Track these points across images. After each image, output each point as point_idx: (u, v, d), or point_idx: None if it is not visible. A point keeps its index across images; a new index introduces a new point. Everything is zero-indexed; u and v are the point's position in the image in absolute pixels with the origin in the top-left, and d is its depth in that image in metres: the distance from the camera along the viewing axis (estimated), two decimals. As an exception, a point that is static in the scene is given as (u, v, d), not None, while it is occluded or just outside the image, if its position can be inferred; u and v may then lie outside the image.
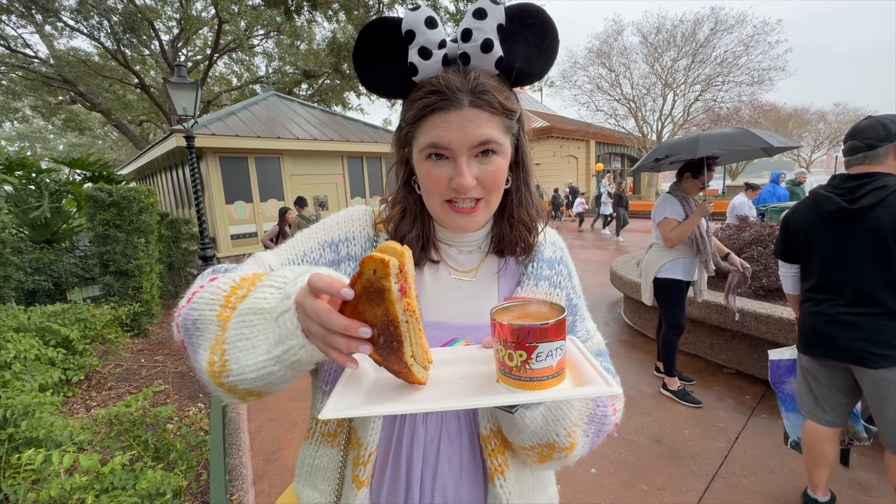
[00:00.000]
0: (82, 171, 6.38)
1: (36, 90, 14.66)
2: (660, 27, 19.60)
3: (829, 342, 1.69)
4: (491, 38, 0.57)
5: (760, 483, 2.15)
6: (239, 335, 0.51)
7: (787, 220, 1.88)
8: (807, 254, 1.80)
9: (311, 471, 0.70)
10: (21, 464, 1.49)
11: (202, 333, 0.55)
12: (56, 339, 3.03)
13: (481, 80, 0.58)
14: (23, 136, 27.24)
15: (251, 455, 2.55)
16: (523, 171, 0.69)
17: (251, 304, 0.52)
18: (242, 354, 0.50)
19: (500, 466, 0.64)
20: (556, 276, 0.73)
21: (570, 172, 21.57)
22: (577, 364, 0.52)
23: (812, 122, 31.85)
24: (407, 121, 0.63)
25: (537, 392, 0.46)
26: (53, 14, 11.84)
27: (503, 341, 0.47)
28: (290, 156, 9.13)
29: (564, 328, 0.47)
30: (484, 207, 0.64)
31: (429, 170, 0.61)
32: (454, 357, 0.59)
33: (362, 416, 0.62)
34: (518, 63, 0.61)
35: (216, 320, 0.54)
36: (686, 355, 3.65)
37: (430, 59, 0.58)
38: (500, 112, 0.59)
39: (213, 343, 0.53)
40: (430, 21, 0.57)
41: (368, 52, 0.62)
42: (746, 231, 4.26)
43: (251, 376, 0.50)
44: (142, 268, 4.62)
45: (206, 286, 0.58)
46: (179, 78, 5.45)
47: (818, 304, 1.74)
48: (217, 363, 0.52)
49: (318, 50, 15.02)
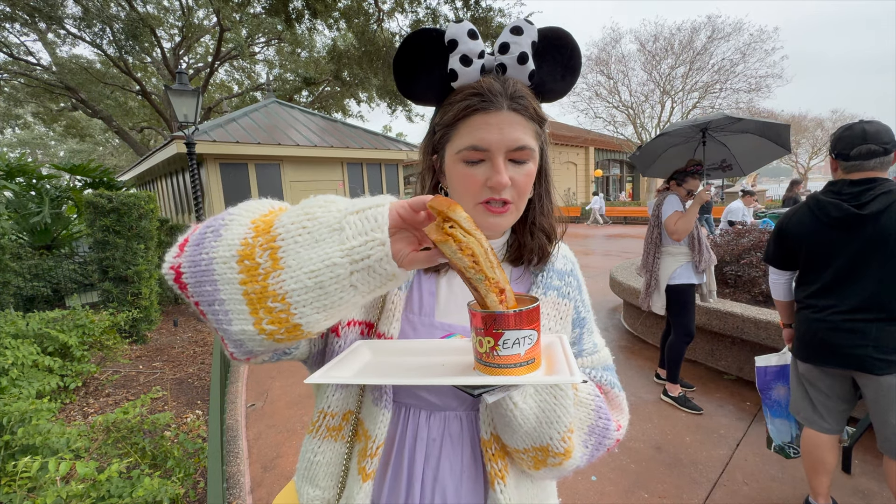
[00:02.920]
0: (83, 177, 6.40)
1: (37, 97, 14.72)
2: (657, 35, 19.80)
3: (833, 350, 1.66)
4: (526, 52, 0.61)
5: (762, 490, 2.13)
6: (298, 228, 0.44)
7: (784, 227, 1.86)
8: (809, 260, 1.77)
9: (313, 467, 0.70)
10: (17, 471, 1.48)
11: (226, 233, 0.46)
12: (54, 346, 3.01)
13: (518, 87, 0.62)
14: (24, 142, 27.32)
15: (249, 463, 2.53)
16: (546, 179, 0.72)
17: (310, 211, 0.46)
18: (303, 249, 0.43)
19: (500, 472, 0.64)
20: (566, 287, 0.74)
21: (570, 179, 21.65)
22: (554, 358, 0.53)
23: (810, 128, 32.03)
24: (444, 122, 0.64)
25: (500, 377, 0.47)
26: (57, 22, 11.93)
27: (475, 328, 0.48)
28: (291, 162, 9.16)
29: (536, 318, 0.48)
30: (513, 211, 0.65)
31: (463, 171, 0.63)
32: (444, 347, 0.61)
33: (370, 409, 0.66)
34: (545, 79, 0.65)
35: (250, 224, 0.46)
36: (686, 361, 3.64)
37: (470, 66, 0.61)
38: (534, 119, 0.63)
39: (251, 238, 0.45)
40: (472, 33, 0.61)
41: (410, 58, 0.64)
42: (745, 237, 4.27)
43: (307, 281, 0.42)
44: (141, 274, 4.61)
45: (216, 218, 0.50)
46: (181, 85, 5.48)
47: (819, 310, 1.72)
48: (264, 260, 0.43)
49: (319, 57, 15.12)
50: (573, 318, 0.74)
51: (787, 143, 2.96)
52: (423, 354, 0.59)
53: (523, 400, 0.58)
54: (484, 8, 8.95)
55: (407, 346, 0.62)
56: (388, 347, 0.63)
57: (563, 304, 0.72)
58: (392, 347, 0.63)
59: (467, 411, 0.67)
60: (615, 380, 0.75)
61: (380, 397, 0.65)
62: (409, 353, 0.60)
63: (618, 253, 9.77)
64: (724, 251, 4.14)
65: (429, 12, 9.69)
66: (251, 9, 10.50)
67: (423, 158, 0.71)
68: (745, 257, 3.92)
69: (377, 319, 0.68)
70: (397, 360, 0.59)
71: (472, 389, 0.50)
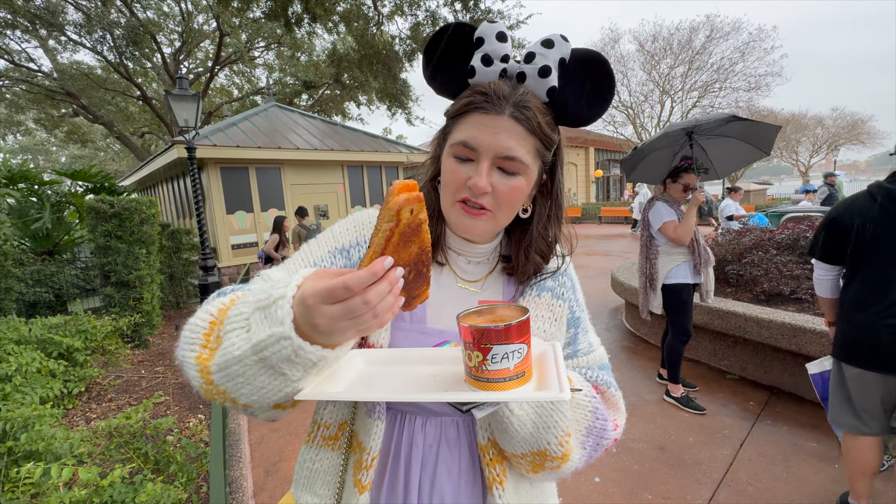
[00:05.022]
0: (84, 182, 6.42)
1: (39, 103, 14.79)
2: (656, 35, 19.80)
3: (888, 352, 1.53)
4: (550, 66, 0.60)
5: (766, 490, 2.12)
6: (229, 372, 0.50)
7: (839, 217, 1.70)
8: (867, 253, 1.61)
9: (311, 475, 0.69)
10: (20, 477, 1.48)
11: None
12: (58, 350, 3.02)
13: (528, 98, 0.60)
14: (25, 148, 27.42)
15: (252, 467, 2.53)
16: (556, 205, 0.70)
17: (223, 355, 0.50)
18: (236, 376, 0.49)
19: (498, 476, 0.64)
20: (560, 288, 0.73)
21: (570, 179, 21.64)
22: (545, 369, 0.52)
23: (810, 126, 31.94)
24: (449, 114, 0.65)
25: (489, 393, 0.46)
26: (58, 29, 11.99)
27: (464, 342, 0.48)
28: (291, 165, 9.17)
29: (525, 331, 0.47)
30: (490, 219, 0.63)
31: (452, 166, 0.63)
32: (436, 357, 0.60)
33: (364, 420, 0.65)
34: (569, 100, 0.62)
35: (195, 364, 0.52)
36: (689, 361, 3.63)
37: (490, 66, 0.61)
38: (535, 133, 0.60)
39: (204, 384, 0.52)
40: (500, 35, 0.61)
41: (440, 46, 0.65)
42: (746, 236, 4.26)
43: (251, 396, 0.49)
44: (143, 278, 4.62)
45: (186, 324, 0.57)
46: (181, 90, 5.50)
47: (881, 309, 1.55)
48: (214, 387, 0.51)
49: (319, 61, 15.17)
50: (568, 319, 0.73)
51: (770, 146, 2.92)
52: (415, 364, 0.58)
53: (519, 407, 0.57)
54: (483, 10, 8.96)
55: (399, 356, 0.61)
56: (380, 357, 0.62)
57: (557, 305, 0.72)
58: (384, 357, 0.62)
59: (463, 417, 0.67)
60: (611, 379, 0.74)
61: (373, 409, 0.64)
62: (401, 363, 0.59)
63: (619, 253, 9.76)
64: (726, 250, 4.14)
65: (428, 15, 9.70)
66: (251, 13, 10.54)
67: (433, 148, 0.72)
68: (747, 256, 3.91)
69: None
70: (389, 371, 0.58)
71: (461, 405, 0.50)
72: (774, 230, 4.33)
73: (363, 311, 0.41)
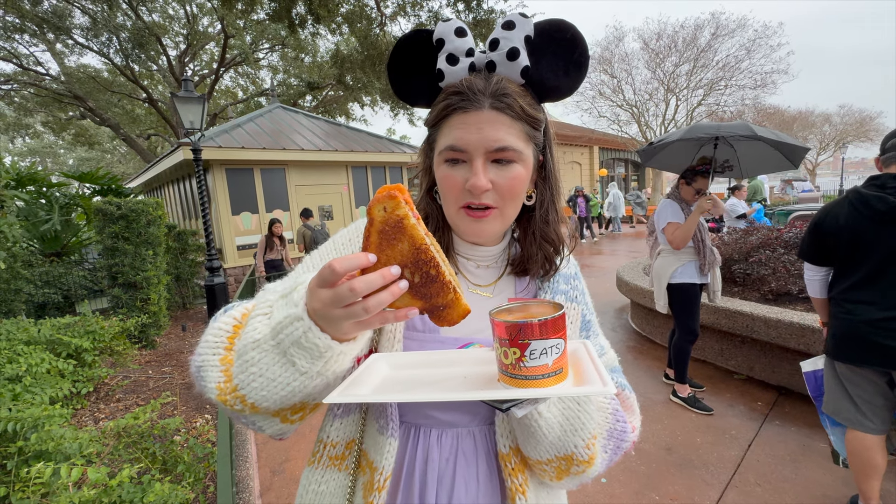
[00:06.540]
0: (91, 184, 6.49)
1: (47, 106, 14.95)
2: (661, 33, 19.66)
3: (875, 348, 1.60)
4: (517, 47, 0.57)
5: (775, 492, 2.10)
6: (250, 371, 0.51)
7: (821, 221, 1.79)
8: (847, 255, 1.70)
9: (316, 498, 0.65)
10: (31, 477, 1.50)
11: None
12: (67, 351, 3.05)
13: (504, 84, 0.58)
14: (34, 151, 27.72)
15: (258, 467, 2.54)
16: (551, 187, 0.68)
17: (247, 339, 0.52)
18: (258, 382, 0.51)
19: (520, 486, 0.61)
20: (573, 291, 0.72)
21: (574, 178, 21.57)
22: (581, 366, 0.51)
23: (817, 124, 31.59)
24: (428, 123, 0.63)
25: (529, 390, 0.45)
26: (65, 32, 12.11)
27: (499, 339, 0.47)
28: (296, 166, 9.21)
29: (562, 326, 0.46)
30: (497, 216, 0.61)
31: (446, 173, 0.60)
32: (463, 358, 0.58)
33: (375, 438, 0.62)
34: (545, 75, 0.60)
35: (219, 364, 0.53)
36: (696, 361, 3.60)
37: (456, 65, 0.59)
38: (521, 117, 0.58)
39: (223, 384, 0.53)
40: (459, 31, 0.59)
41: (402, 61, 0.63)
42: (753, 235, 4.23)
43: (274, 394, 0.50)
44: (150, 279, 4.66)
45: (209, 329, 0.58)
46: (186, 92, 5.53)
47: (858, 307, 1.65)
48: (235, 402, 0.52)
49: (322, 62, 15.21)
50: (581, 322, 0.72)
51: (799, 161, 2.96)
52: (442, 366, 0.56)
53: (547, 409, 0.55)
54: (486, 10, 8.95)
55: (425, 359, 0.59)
56: (405, 361, 0.59)
57: (571, 308, 0.70)
58: (410, 360, 0.59)
59: (480, 426, 0.64)
60: (624, 381, 0.73)
61: (385, 425, 0.61)
62: (428, 366, 0.57)
63: (625, 252, 9.70)
64: (733, 249, 4.10)
65: (431, 15, 9.70)
66: (255, 15, 10.59)
67: (422, 160, 0.70)
68: (754, 255, 3.88)
69: (376, 345, 0.64)
70: (416, 374, 0.55)
71: (500, 403, 0.48)
72: (782, 229, 4.29)
73: (350, 298, 0.42)
